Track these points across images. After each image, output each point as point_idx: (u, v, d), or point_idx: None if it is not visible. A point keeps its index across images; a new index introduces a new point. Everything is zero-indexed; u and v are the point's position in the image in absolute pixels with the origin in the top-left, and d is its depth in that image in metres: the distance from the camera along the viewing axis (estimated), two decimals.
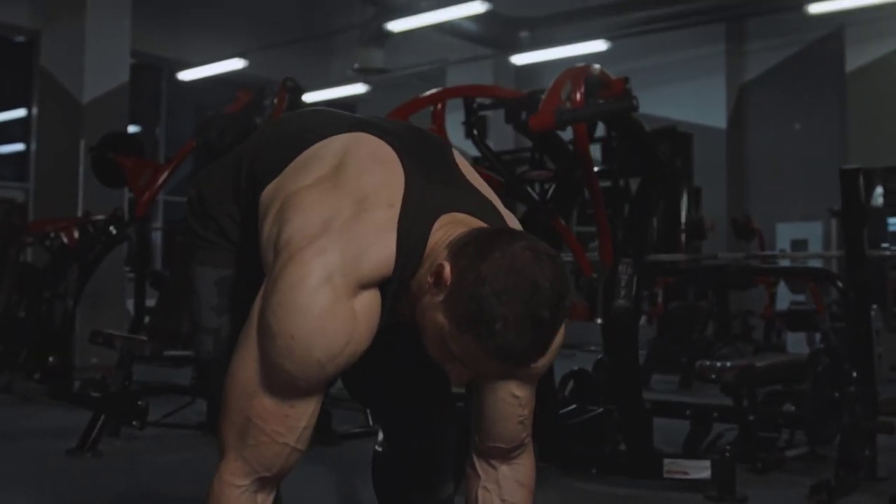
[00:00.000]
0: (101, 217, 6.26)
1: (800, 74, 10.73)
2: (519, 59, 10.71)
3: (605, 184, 3.96)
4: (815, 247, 10.36)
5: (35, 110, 9.88)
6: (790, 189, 10.54)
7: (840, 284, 3.97)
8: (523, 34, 10.40)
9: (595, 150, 3.97)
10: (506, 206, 1.69)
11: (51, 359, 5.97)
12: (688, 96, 10.96)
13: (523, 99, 3.64)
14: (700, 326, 7.44)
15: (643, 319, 7.15)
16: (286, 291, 1.40)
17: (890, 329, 5.62)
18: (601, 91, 3.51)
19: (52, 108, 9.05)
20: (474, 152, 3.97)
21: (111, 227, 5.97)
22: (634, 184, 3.93)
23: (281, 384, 1.42)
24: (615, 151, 3.79)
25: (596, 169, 3.88)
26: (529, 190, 3.56)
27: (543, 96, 3.27)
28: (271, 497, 1.52)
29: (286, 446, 1.46)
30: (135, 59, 9.06)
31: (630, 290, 3.58)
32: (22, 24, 9.87)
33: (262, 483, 1.49)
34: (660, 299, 7.48)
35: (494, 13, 9.61)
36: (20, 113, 10.47)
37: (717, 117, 10.98)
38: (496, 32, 10.31)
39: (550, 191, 3.76)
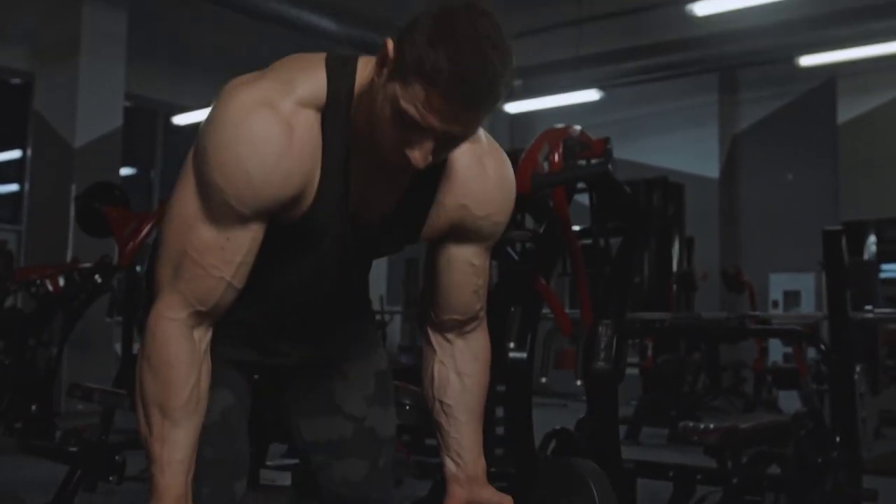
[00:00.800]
0: (87, 265, 6.24)
1: (792, 125, 10.77)
2: (513, 108, 10.74)
3: (588, 241, 3.94)
4: (808, 298, 10.34)
5: (29, 152, 9.89)
6: (783, 239, 10.53)
7: (822, 347, 3.93)
8: (517, 83, 10.41)
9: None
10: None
11: (33, 407, 5.93)
12: (681, 145, 10.99)
13: None
14: (690, 379, 7.40)
15: (636, 370, 7.11)
16: (218, 113, 1.42)
17: (878, 390, 5.55)
18: (581, 152, 3.50)
19: (45, 151, 9.07)
20: None
21: (97, 276, 5.94)
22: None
23: (215, 208, 1.43)
24: (595, 211, 3.76)
25: (577, 228, 3.85)
26: (509, 250, 3.52)
27: (522, 156, 3.26)
28: (207, 336, 1.51)
29: (222, 280, 1.46)
30: (130, 101, 9.08)
31: (610, 352, 3.55)
32: (17, 67, 9.91)
33: (199, 318, 1.48)
34: (650, 352, 7.43)
35: None
36: (15, 154, 10.48)
37: (710, 167, 11.00)
38: None
39: (530, 250, 3.72)
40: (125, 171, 9.69)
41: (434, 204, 1.58)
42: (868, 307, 5.54)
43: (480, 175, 1.58)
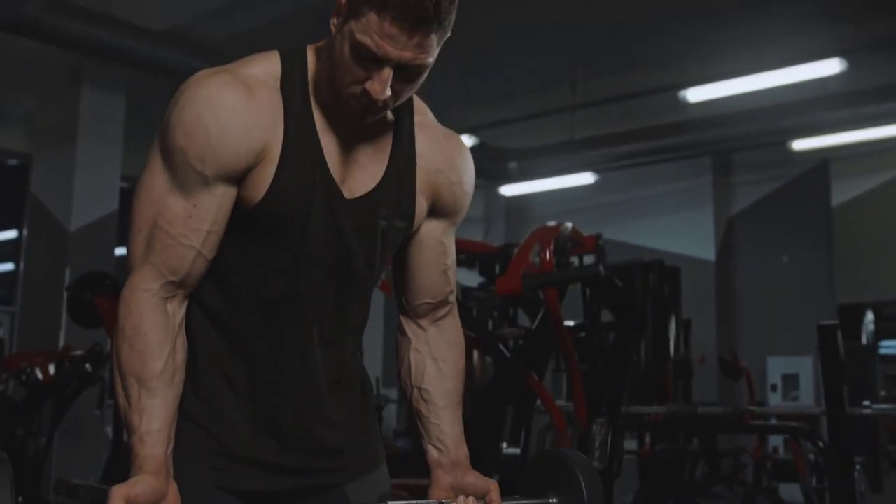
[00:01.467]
0: (79, 352, 6.18)
1: (787, 207, 10.80)
2: (508, 191, 10.79)
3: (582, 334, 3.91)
4: (806, 382, 10.25)
5: (25, 232, 9.89)
6: (780, 322, 10.47)
7: (821, 444, 3.87)
8: (512, 165, 10.50)
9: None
10: (478, 362, 1.76)
11: (20, 499, 5.82)
12: (676, 227, 11.00)
13: (495, 254, 3.62)
14: (689, 467, 7.27)
15: (633, 457, 7.00)
16: (181, 89, 1.50)
17: (880, 488, 5.44)
18: (573, 248, 3.49)
19: (40, 233, 9.06)
20: None
21: (87, 365, 5.89)
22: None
23: (179, 175, 1.48)
24: (588, 306, 3.73)
25: (571, 323, 3.82)
26: (501, 347, 3.49)
27: (514, 251, 3.25)
28: (181, 310, 1.54)
29: (192, 249, 1.50)
30: (125, 182, 9.10)
31: (604, 450, 3.49)
32: (15, 149, 9.97)
33: (171, 289, 1.51)
34: (647, 440, 7.32)
35: (483, 145, 9.72)
36: (11, 234, 10.49)
37: (705, 249, 11.00)
38: (485, 163, 10.41)
39: (523, 347, 3.69)
40: (119, 251, 9.67)
41: (417, 170, 1.65)
42: (866, 402, 5.46)
43: (448, 144, 1.71)
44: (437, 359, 1.75)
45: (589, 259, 3.79)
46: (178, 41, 7.56)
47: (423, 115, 1.72)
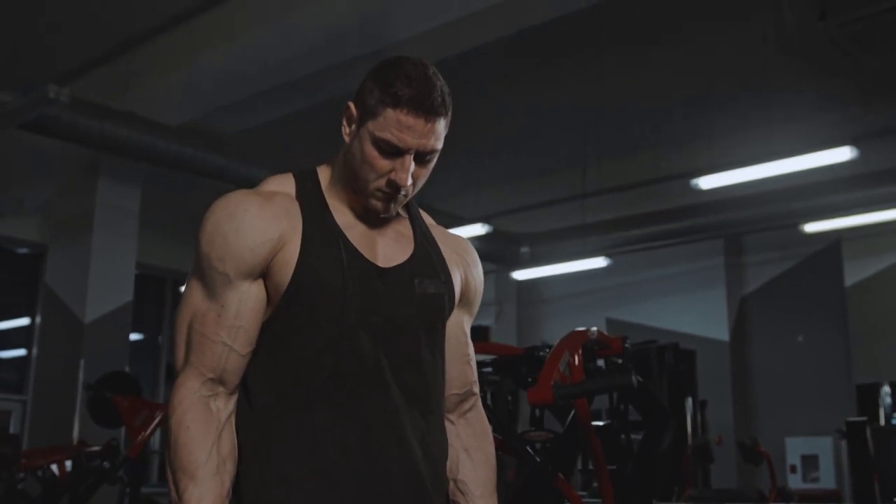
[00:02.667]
0: (95, 448, 6.13)
1: (800, 287, 10.79)
2: (520, 275, 10.81)
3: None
4: (826, 462, 10.12)
5: (38, 321, 9.89)
6: (797, 402, 10.39)
7: None
8: (523, 250, 10.54)
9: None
10: (505, 463, 1.79)
11: None
12: (689, 308, 10.98)
13: (522, 357, 3.62)
14: None
15: None
16: (208, 211, 1.65)
17: None
18: (600, 351, 3.49)
19: (54, 323, 9.05)
20: None
21: (104, 462, 5.84)
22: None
23: (207, 279, 1.61)
24: (616, 407, 3.72)
25: (599, 423, 3.80)
26: (528, 449, 3.46)
27: (544, 355, 3.24)
28: (227, 407, 1.61)
29: (224, 346, 1.58)
30: (139, 269, 9.11)
31: None
32: (30, 238, 10.04)
33: (212, 386, 1.59)
34: None
35: (495, 230, 9.77)
36: (24, 321, 10.51)
37: (719, 329, 10.96)
38: (497, 248, 10.46)
39: (550, 449, 3.67)
40: (133, 337, 9.67)
41: (442, 250, 1.78)
42: None
43: (459, 241, 1.88)
44: (469, 449, 1.81)
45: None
46: (192, 136, 7.67)
47: (430, 220, 1.87)
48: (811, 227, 9.03)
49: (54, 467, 6.16)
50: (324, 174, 1.74)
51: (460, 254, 1.83)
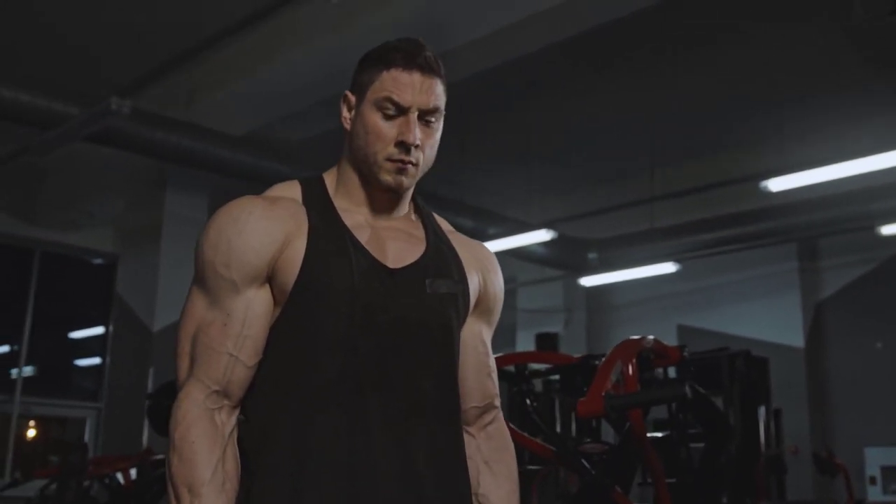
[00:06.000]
0: (160, 456, 6.20)
1: (878, 292, 10.43)
2: (588, 281, 10.67)
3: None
4: None
5: (111, 329, 10.06)
6: (877, 411, 10.05)
7: None
8: (591, 256, 10.40)
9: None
10: (560, 475, 1.74)
11: None
12: (762, 314, 10.71)
13: (576, 366, 3.52)
14: None
15: None
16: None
17: None
18: (657, 360, 3.38)
19: (125, 333, 9.21)
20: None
21: None
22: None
23: (211, 287, 1.57)
24: (674, 418, 3.60)
25: (658, 434, 3.69)
26: (584, 462, 3.36)
27: (597, 364, 3.14)
28: (230, 421, 1.55)
29: (230, 356, 1.54)
30: None
31: None
32: (103, 248, 10.21)
33: (217, 399, 1.54)
34: None
35: (563, 236, 9.65)
36: (99, 330, 10.69)
37: (793, 336, 10.67)
38: (565, 254, 10.34)
39: (607, 461, 3.56)
40: None
41: (459, 252, 1.74)
42: None
43: (479, 246, 1.84)
44: (490, 463, 1.75)
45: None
46: (256, 145, 7.73)
47: (449, 226, 1.82)
48: (889, 230, 8.73)
49: (120, 475, 6.24)
50: (329, 179, 1.72)
51: (479, 258, 1.78)
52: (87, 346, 10.88)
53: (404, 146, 1.60)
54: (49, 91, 6.70)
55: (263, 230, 1.57)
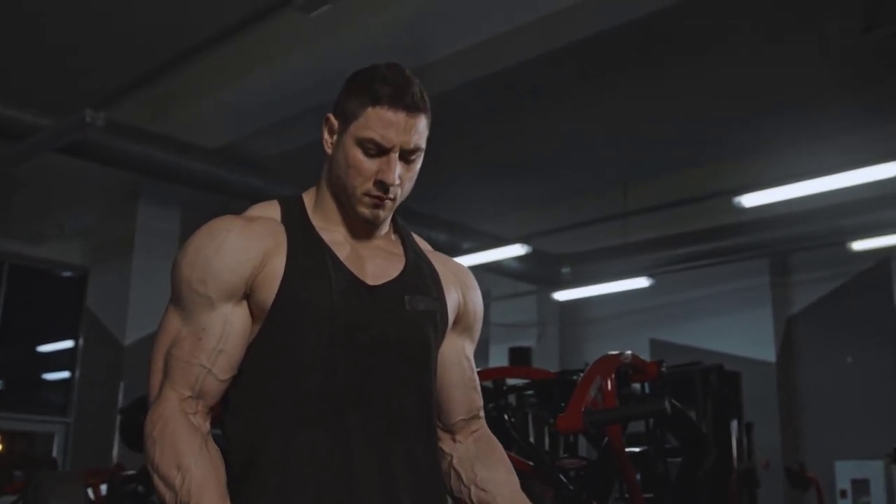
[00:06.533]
0: (131, 472, 6.12)
1: (848, 307, 10.52)
2: (562, 296, 10.69)
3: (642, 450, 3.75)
4: (878, 487, 9.85)
5: (80, 343, 9.96)
6: (847, 425, 10.12)
7: None
8: (565, 270, 10.42)
9: None
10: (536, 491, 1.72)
11: None
12: (734, 328, 10.76)
13: (554, 381, 3.52)
14: None
15: None
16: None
17: None
18: (635, 375, 3.38)
19: (95, 346, 9.11)
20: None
21: (139, 487, 5.81)
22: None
23: (187, 303, 1.55)
24: (652, 433, 3.60)
25: (635, 450, 3.69)
26: (562, 477, 3.36)
27: (577, 379, 3.14)
28: (206, 423, 1.55)
29: (202, 368, 1.52)
30: None
31: None
32: (72, 261, 10.11)
33: (192, 404, 1.54)
34: None
35: (537, 251, 9.67)
36: (68, 343, 10.58)
37: (765, 350, 10.73)
38: (538, 269, 10.36)
39: (584, 477, 3.56)
40: None
41: (437, 269, 1.75)
42: None
43: (457, 265, 1.85)
44: (482, 457, 1.78)
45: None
46: (230, 158, 7.68)
47: (428, 246, 1.83)
48: (860, 245, 8.82)
49: (90, 491, 6.15)
50: (308, 198, 1.73)
51: (458, 276, 1.81)
52: (56, 360, 10.76)
53: (383, 186, 1.62)
54: (22, 101, 6.64)
55: (241, 248, 1.58)
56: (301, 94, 6.87)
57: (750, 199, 7.50)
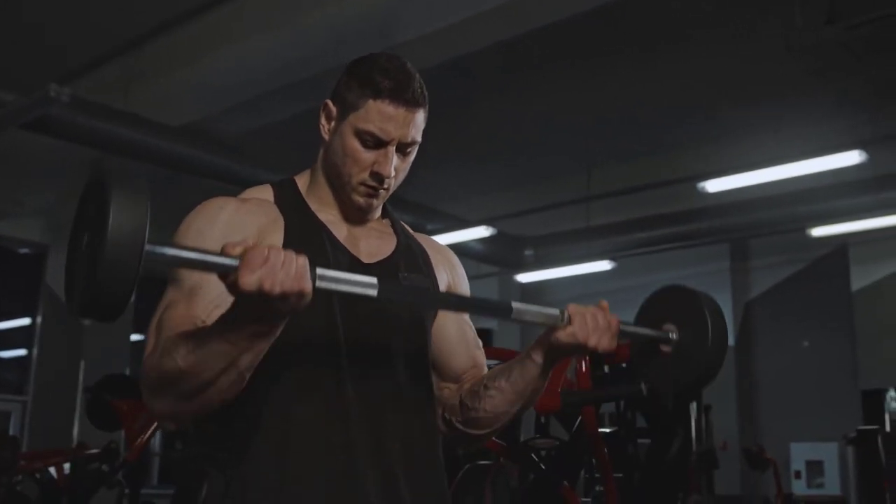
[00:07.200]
0: (94, 451, 6.08)
1: (806, 292, 10.71)
2: (524, 278, 10.75)
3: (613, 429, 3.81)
4: (832, 468, 10.06)
5: (38, 321, 9.84)
6: (803, 407, 10.32)
7: None
8: (528, 253, 10.48)
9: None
10: (507, 471, 1.73)
11: None
12: None
13: None
14: None
15: None
16: None
17: None
18: (607, 359, 3.43)
19: (55, 324, 9.01)
20: None
21: (103, 466, 5.79)
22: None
23: (179, 274, 1.53)
24: (622, 415, 3.66)
25: (607, 430, 3.74)
26: (534, 456, 3.40)
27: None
28: None
29: (197, 318, 1.48)
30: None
31: None
32: (32, 239, 9.98)
33: None
34: None
35: (500, 233, 9.71)
36: (25, 321, 10.45)
37: None
38: (501, 251, 10.40)
39: (555, 457, 3.61)
40: (133, 339, 9.61)
41: (426, 251, 1.80)
42: None
43: (442, 247, 1.90)
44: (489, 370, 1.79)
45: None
46: (196, 137, 7.61)
47: (410, 230, 1.86)
48: (818, 232, 8.97)
49: (52, 470, 6.11)
50: (301, 181, 1.75)
51: (445, 257, 1.87)
52: (12, 338, 10.62)
53: (379, 177, 1.65)
54: None
55: (236, 222, 1.59)
56: (268, 73, 6.82)
57: (713, 185, 7.59)
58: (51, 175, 8.98)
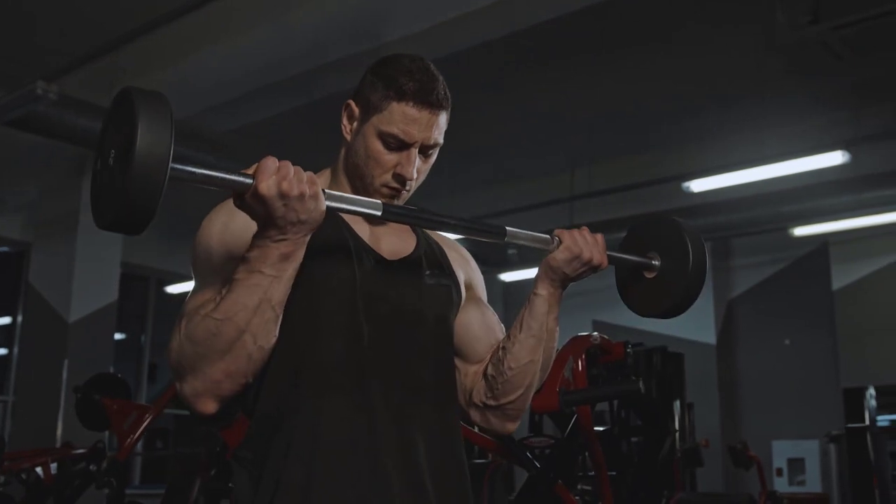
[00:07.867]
0: (81, 450, 6.04)
1: (787, 291, 10.80)
2: (507, 277, 10.77)
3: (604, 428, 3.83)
4: (813, 466, 10.14)
5: (20, 319, 9.78)
6: (784, 405, 10.41)
7: None
8: (511, 251, 10.50)
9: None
10: (504, 469, 1.75)
11: None
12: None
13: None
14: None
15: None
16: None
17: None
18: (602, 357, 3.45)
19: (37, 323, 8.92)
20: None
21: (90, 465, 5.75)
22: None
23: (201, 273, 1.56)
24: (616, 413, 3.68)
25: (600, 428, 3.76)
26: (529, 455, 3.42)
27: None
28: None
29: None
30: (123, 269, 9.00)
31: None
32: (12, 237, 9.91)
33: None
34: None
35: None
36: (5, 320, 10.38)
37: (706, 333, 10.95)
38: (485, 249, 10.41)
39: (550, 455, 3.62)
40: (118, 336, 9.57)
41: (443, 248, 1.82)
42: None
43: (454, 243, 1.92)
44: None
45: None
46: (181, 135, 7.56)
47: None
48: (800, 231, 9.05)
49: (39, 470, 6.06)
50: (321, 180, 1.73)
51: (462, 255, 1.89)
52: None
53: (401, 179, 1.66)
54: None
55: (248, 221, 1.57)
56: (253, 70, 6.80)
57: (697, 185, 7.64)
58: (33, 172, 8.92)
